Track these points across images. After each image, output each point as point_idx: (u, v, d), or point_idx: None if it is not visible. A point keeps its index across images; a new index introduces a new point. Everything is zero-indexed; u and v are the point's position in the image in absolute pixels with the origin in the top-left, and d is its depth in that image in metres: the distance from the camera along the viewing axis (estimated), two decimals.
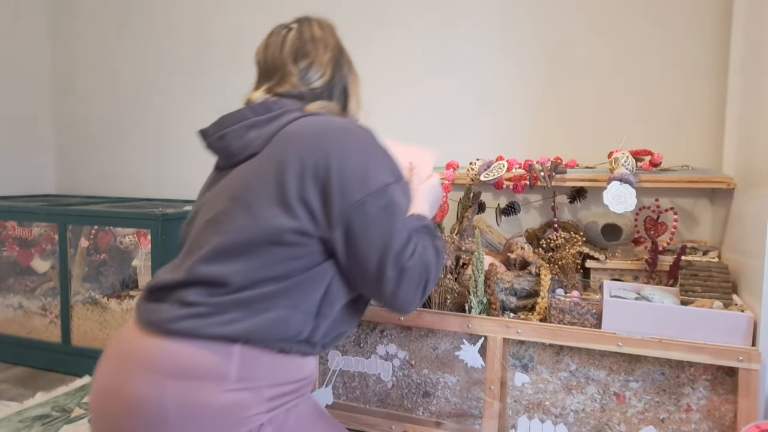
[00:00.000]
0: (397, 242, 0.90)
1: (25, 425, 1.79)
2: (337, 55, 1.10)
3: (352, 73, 1.14)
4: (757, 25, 1.62)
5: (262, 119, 1.00)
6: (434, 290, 1.60)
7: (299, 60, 1.06)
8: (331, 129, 0.95)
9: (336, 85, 1.09)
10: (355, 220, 0.90)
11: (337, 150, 0.92)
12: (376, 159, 0.95)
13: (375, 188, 0.91)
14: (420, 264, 0.93)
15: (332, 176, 0.90)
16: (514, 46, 2.16)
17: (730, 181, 1.58)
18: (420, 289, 0.94)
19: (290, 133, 0.96)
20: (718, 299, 1.41)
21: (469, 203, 1.96)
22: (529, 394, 1.49)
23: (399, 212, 0.93)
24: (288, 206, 0.90)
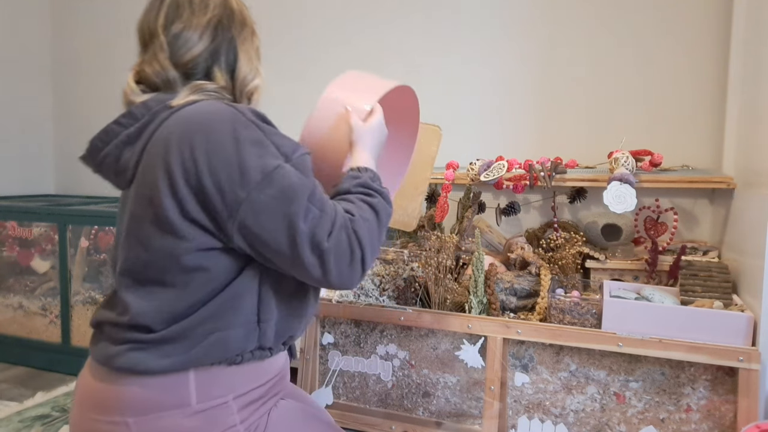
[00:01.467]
0: (304, 227, 0.80)
1: (25, 425, 1.79)
2: (221, 15, 0.94)
3: (244, 36, 0.97)
4: (757, 25, 1.62)
5: (132, 132, 0.88)
6: (434, 290, 1.61)
7: (171, 25, 0.91)
8: (194, 125, 0.82)
9: (219, 53, 0.93)
10: (248, 219, 0.80)
11: (203, 148, 0.80)
12: (251, 144, 0.81)
13: (258, 179, 0.79)
14: (346, 237, 0.83)
15: (204, 181, 0.79)
16: (514, 46, 2.16)
17: (730, 181, 1.58)
18: (356, 264, 0.84)
19: (155, 145, 0.84)
20: (718, 299, 1.41)
21: (469, 203, 1.96)
22: (529, 394, 1.49)
23: (298, 193, 0.81)
24: (173, 229, 0.81)
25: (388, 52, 2.35)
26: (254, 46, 0.99)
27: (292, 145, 0.86)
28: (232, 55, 0.95)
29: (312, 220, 0.81)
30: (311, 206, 0.82)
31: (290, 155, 0.84)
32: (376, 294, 1.67)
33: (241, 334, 0.86)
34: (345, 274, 0.84)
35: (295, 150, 0.86)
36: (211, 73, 0.93)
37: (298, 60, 2.53)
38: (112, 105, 3.30)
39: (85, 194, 3.00)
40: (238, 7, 0.97)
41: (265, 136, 0.83)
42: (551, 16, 2.09)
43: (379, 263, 1.97)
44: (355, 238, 0.84)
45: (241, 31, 0.96)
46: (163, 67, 0.90)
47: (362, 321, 1.62)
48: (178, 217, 0.80)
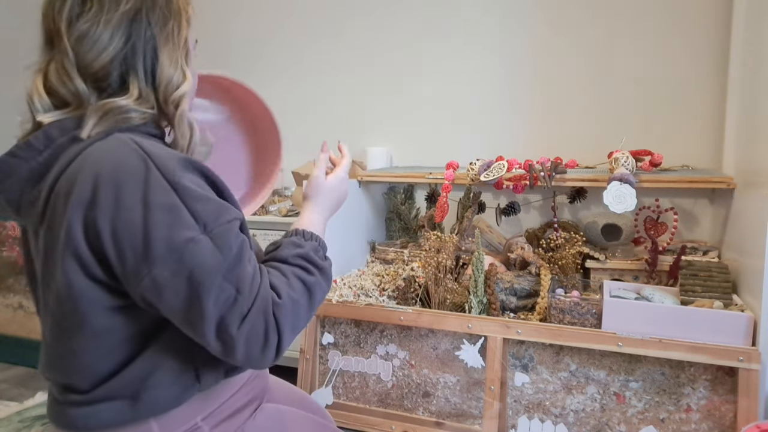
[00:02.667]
0: (213, 310, 0.69)
1: (25, 425, 1.79)
2: (138, 9, 0.76)
3: (167, 30, 0.79)
4: (757, 25, 1.62)
5: (35, 168, 0.74)
6: (434, 290, 1.61)
7: (76, 21, 0.73)
8: (102, 178, 0.68)
9: (136, 53, 0.76)
10: (149, 295, 0.70)
11: (109, 212, 0.68)
12: (161, 211, 0.68)
13: (160, 254, 0.67)
14: (263, 323, 0.72)
15: (106, 248, 0.69)
16: (514, 46, 2.16)
17: (730, 181, 1.58)
18: (269, 351, 0.73)
19: (62, 187, 0.71)
20: (718, 299, 1.41)
21: (469, 203, 1.96)
22: (529, 394, 1.49)
23: (211, 273, 0.69)
24: (78, 289, 0.71)
25: (387, 51, 2.35)
26: (181, 43, 0.81)
27: (216, 211, 0.72)
28: (150, 56, 0.77)
29: (224, 302, 0.70)
30: (226, 285, 0.70)
31: (210, 225, 0.71)
32: (376, 294, 1.67)
33: (177, 391, 0.78)
34: (254, 358, 0.73)
35: (218, 217, 0.72)
36: (126, 82, 0.76)
37: (294, 51, 2.53)
38: None
39: None
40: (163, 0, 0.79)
41: (181, 202, 0.69)
42: (551, 15, 2.09)
43: (379, 263, 1.97)
44: (273, 325, 0.73)
45: (164, 26, 0.78)
46: (70, 77, 0.74)
47: (362, 321, 1.62)
48: (82, 278, 0.70)
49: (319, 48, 2.47)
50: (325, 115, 2.49)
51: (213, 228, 0.71)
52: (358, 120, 2.42)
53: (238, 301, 0.71)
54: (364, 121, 2.41)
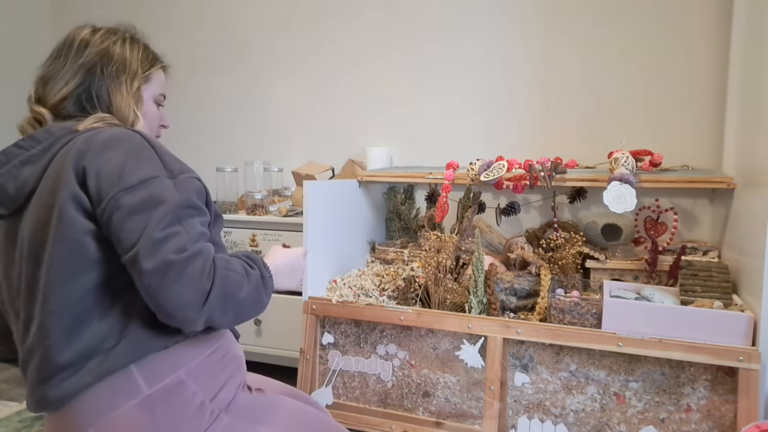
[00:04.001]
0: (157, 231, 0.80)
1: (25, 425, 1.79)
2: (96, 62, 1.00)
3: (119, 81, 1.02)
4: (757, 25, 1.62)
5: (35, 153, 0.91)
6: (434, 290, 1.61)
7: (49, 67, 1.01)
8: (96, 142, 0.87)
9: (91, 97, 1.00)
10: (113, 218, 0.82)
11: (96, 159, 0.85)
12: (138, 158, 0.86)
13: (131, 183, 0.83)
14: (201, 264, 0.81)
15: (90, 184, 0.84)
16: (514, 46, 2.16)
17: (730, 181, 1.58)
18: (197, 295, 0.80)
19: (58, 161, 0.88)
20: (718, 299, 1.41)
21: (469, 203, 1.96)
22: (529, 394, 1.49)
23: (166, 202, 0.83)
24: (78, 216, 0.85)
25: (387, 52, 2.35)
26: (132, 90, 1.03)
27: (183, 167, 0.91)
28: (105, 98, 1.00)
29: (168, 230, 0.81)
30: (174, 220, 0.82)
31: (176, 174, 0.89)
32: (376, 294, 1.67)
33: (156, 333, 0.88)
34: (181, 294, 0.79)
35: (183, 171, 0.90)
36: (86, 109, 0.99)
37: (294, 52, 2.53)
38: None
39: None
40: (120, 54, 1.03)
41: (156, 154, 0.89)
42: (552, 15, 2.10)
43: (379, 263, 1.97)
44: (210, 270, 0.82)
45: (117, 77, 1.01)
46: (37, 112, 0.98)
47: (362, 321, 1.62)
48: (74, 211, 0.84)
49: (319, 48, 2.47)
50: (325, 115, 2.49)
51: (177, 176, 0.88)
52: (358, 120, 2.42)
53: (180, 235, 0.82)
54: (364, 121, 2.41)
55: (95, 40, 1.02)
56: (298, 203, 2.23)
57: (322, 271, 1.75)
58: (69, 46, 1.01)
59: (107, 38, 1.03)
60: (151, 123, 1.09)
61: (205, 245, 0.84)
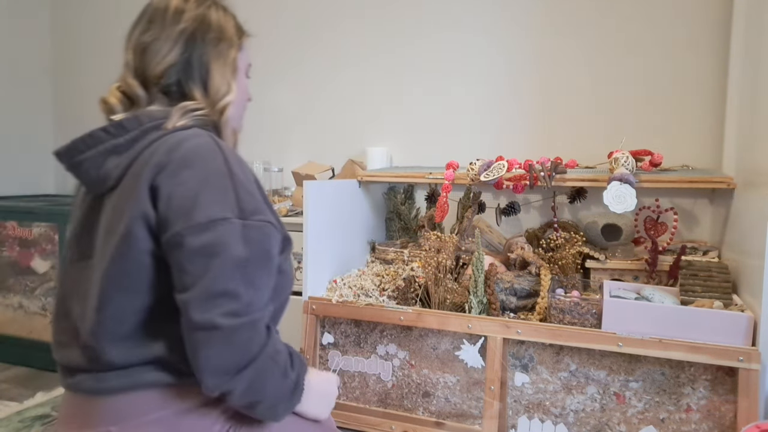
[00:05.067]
0: (214, 284, 0.76)
1: (25, 425, 1.79)
2: (195, 29, 0.93)
3: (219, 50, 0.96)
4: (756, 24, 1.62)
5: (121, 143, 0.88)
6: (434, 290, 1.61)
7: (143, 35, 0.93)
8: (175, 157, 0.82)
9: (191, 65, 0.93)
10: (173, 253, 0.79)
11: (171, 179, 0.81)
12: (213, 189, 0.81)
13: (198, 221, 0.78)
14: (251, 333, 0.78)
15: (160, 207, 0.80)
16: (514, 46, 2.16)
17: (730, 181, 1.58)
18: (238, 362, 0.78)
19: (140, 163, 0.85)
20: (718, 299, 1.41)
21: (469, 203, 1.96)
22: (529, 394, 1.49)
23: (226, 256, 0.77)
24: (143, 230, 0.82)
25: (387, 52, 2.35)
26: (229, 59, 0.97)
27: (257, 206, 0.84)
28: (204, 68, 0.94)
29: (226, 285, 0.77)
30: (235, 275, 0.78)
31: (248, 214, 0.82)
32: (376, 294, 1.67)
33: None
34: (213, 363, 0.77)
35: (256, 212, 0.83)
36: (185, 87, 0.93)
37: (294, 52, 2.53)
38: None
39: None
40: (216, 21, 0.96)
41: (232, 187, 0.82)
42: (551, 15, 2.10)
43: (379, 263, 1.97)
44: (254, 349, 0.79)
45: (216, 45, 0.95)
46: (130, 85, 0.93)
47: (362, 321, 1.62)
48: (140, 225, 0.81)
49: (319, 48, 2.47)
50: (325, 116, 2.49)
51: (248, 217, 0.81)
52: (358, 120, 2.42)
53: (238, 297, 0.77)
54: (364, 121, 2.41)
55: (189, 5, 0.95)
56: (298, 203, 2.23)
57: (322, 271, 1.75)
58: (163, 12, 0.93)
59: (200, 4, 0.96)
60: (241, 96, 1.02)
61: (258, 316, 0.80)
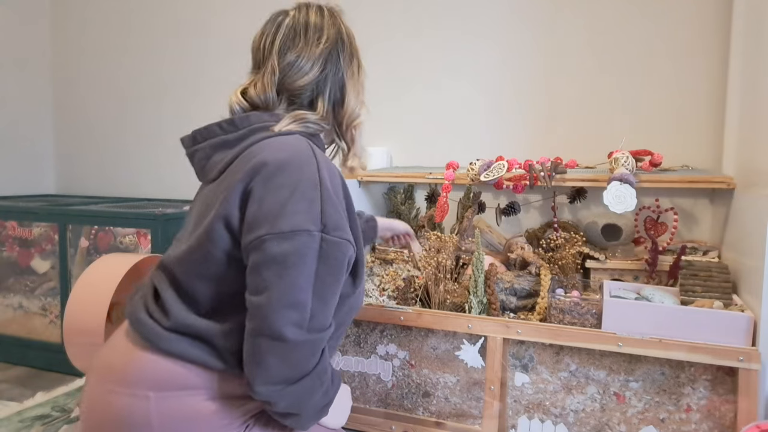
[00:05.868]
0: (286, 294, 0.80)
1: (25, 425, 1.79)
2: (333, 47, 0.97)
3: (352, 68, 1.00)
4: (757, 25, 1.62)
5: (230, 139, 0.93)
6: (434, 290, 1.61)
7: (286, 52, 0.96)
8: (272, 161, 0.86)
9: (327, 82, 0.97)
10: (252, 256, 0.82)
11: (265, 184, 0.84)
12: (301, 198, 0.83)
13: (282, 229, 0.81)
14: (313, 349, 0.83)
15: (249, 209, 0.84)
16: (514, 47, 2.16)
17: (730, 181, 1.58)
18: (292, 375, 0.82)
19: (242, 160, 0.89)
20: (718, 299, 1.41)
21: (469, 203, 1.96)
22: (529, 394, 1.49)
23: (303, 267, 0.81)
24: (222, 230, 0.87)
25: (387, 51, 2.35)
26: (361, 79, 1.02)
27: (339, 222, 0.85)
28: (339, 86, 0.98)
29: (298, 296, 0.80)
30: (307, 287, 0.81)
31: (330, 229, 0.84)
32: (376, 294, 1.67)
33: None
34: (269, 372, 0.81)
35: (337, 227, 0.85)
36: (315, 102, 0.97)
37: None
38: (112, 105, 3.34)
39: (85, 194, 3.00)
40: (349, 40, 1.01)
41: (320, 199, 0.84)
42: (551, 15, 2.09)
43: (379, 263, 1.97)
44: (310, 366, 0.83)
45: (350, 64, 1.00)
46: (266, 90, 0.95)
47: (362, 321, 1.62)
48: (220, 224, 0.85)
49: None
50: None
51: (330, 232, 0.84)
52: None
53: (305, 310, 0.81)
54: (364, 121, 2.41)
55: (326, 22, 0.98)
56: None
57: None
58: (304, 28, 0.96)
59: (334, 19, 1.00)
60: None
61: (322, 336, 0.84)
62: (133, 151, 2.88)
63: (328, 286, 0.84)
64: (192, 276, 0.88)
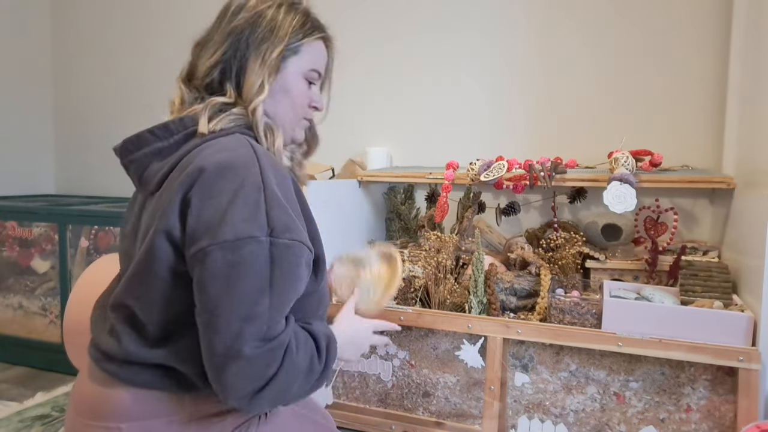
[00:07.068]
0: (238, 309, 0.74)
1: (25, 425, 1.79)
2: (244, 26, 0.91)
3: (260, 48, 0.90)
4: (756, 25, 1.62)
5: (166, 146, 0.87)
6: (434, 290, 1.61)
7: (201, 38, 0.95)
8: (209, 166, 0.79)
9: (230, 66, 0.91)
10: (196, 270, 0.76)
11: (203, 191, 0.78)
12: (244, 204, 0.76)
13: (225, 238, 0.74)
14: (270, 359, 0.76)
15: (189, 221, 0.77)
16: (514, 47, 2.16)
17: (730, 181, 1.58)
18: (256, 386, 0.76)
19: (177, 172, 0.83)
20: (718, 299, 1.41)
21: (469, 203, 1.96)
22: (529, 394, 1.49)
23: (252, 277, 0.75)
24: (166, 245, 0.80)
25: (387, 51, 2.35)
26: (269, 59, 0.90)
27: (288, 223, 0.79)
28: (241, 67, 0.90)
29: (251, 309, 0.74)
30: (259, 297, 0.75)
31: (279, 233, 0.77)
32: None
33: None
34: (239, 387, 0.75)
35: (287, 230, 0.78)
36: (223, 86, 0.91)
37: None
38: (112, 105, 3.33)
39: (85, 194, 3.00)
40: (270, 19, 0.91)
41: (265, 203, 0.77)
42: (552, 15, 2.09)
43: None
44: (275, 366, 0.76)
45: (260, 45, 0.90)
46: (178, 86, 0.95)
47: None
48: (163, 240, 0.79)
49: None
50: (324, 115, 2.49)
51: (279, 236, 0.77)
52: (358, 120, 2.42)
53: (261, 320, 0.75)
54: (364, 121, 2.41)
55: (251, 3, 0.93)
56: None
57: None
58: (225, 9, 0.94)
59: (262, 3, 0.93)
60: (296, 101, 0.95)
61: (277, 343, 0.77)
62: None
63: (284, 293, 0.78)
64: (140, 301, 0.83)
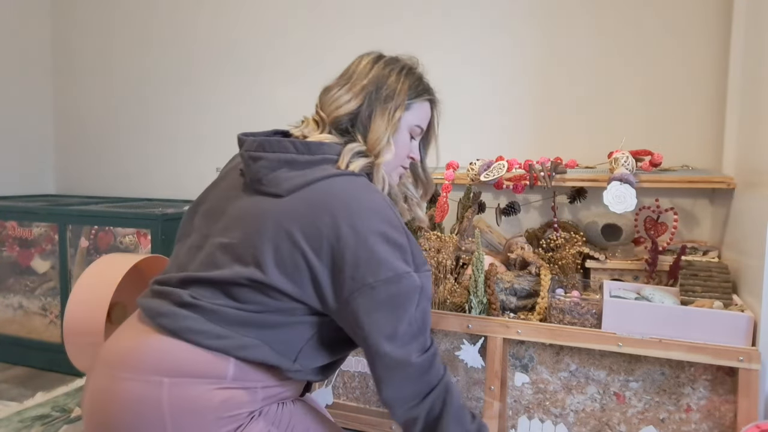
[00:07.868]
0: (404, 326, 0.89)
1: (25, 425, 1.79)
2: (372, 88, 1.09)
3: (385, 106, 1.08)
4: (757, 24, 1.62)
5: (300, 160, 0.97)
6: (434, 290, 1.61)
7: (334, 85, 1.11)
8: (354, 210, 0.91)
9: (359, 118, 1.06)
10: (359, 300, 0.89)
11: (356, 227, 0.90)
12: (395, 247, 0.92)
13: (389, 276, 0.89)
14: (433, 370, 0.92)
15: (345, 255, 0.89)
16: (514, 46, 2.16)
17: (730, 181, 1.58)
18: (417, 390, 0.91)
19: (318, 197, 0.93)
20: (718, 299, 1.41)
21: (469, 203, 1.96)
22: (529, 394, 1.49)
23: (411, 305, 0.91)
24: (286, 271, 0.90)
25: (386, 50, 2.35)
26: (394, 119, 1.06)
27: (422, 258, 0.96)
28: (368, 118, 1.05)
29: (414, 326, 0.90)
30: (417, 315, 0.91)
31: (420, 267, 0.94)
32: None
33: (275, 359, 0.93)
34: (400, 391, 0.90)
35: (424, 263, 0.96)
36: (352, 133, 1.05)
37: (292, 51, 2.53)
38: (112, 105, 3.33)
39: (85, 194, 3.00)
40: (392, 83, 1.10)
41: (408, 244, 0.93)
42: (551, 15, 2.09)
43: None
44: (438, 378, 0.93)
45: (385, 103, 1.07)
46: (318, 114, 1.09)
47: None
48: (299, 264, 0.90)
49: (318, 48, 2.47)
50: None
51: (421, 270, 0.94)
52: None
53: (423, 334, 0.92)
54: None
55: (378, 66, 1.13)
56: None
57: None
58: (356, 67, 1.14)
59: (387, 66, 1.14)
60: (400, 151, 1.11)
61: (435, 350, 0.94)
62: (133, 152, 2.88)
63: (428, 315, 0.94)
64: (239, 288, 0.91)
